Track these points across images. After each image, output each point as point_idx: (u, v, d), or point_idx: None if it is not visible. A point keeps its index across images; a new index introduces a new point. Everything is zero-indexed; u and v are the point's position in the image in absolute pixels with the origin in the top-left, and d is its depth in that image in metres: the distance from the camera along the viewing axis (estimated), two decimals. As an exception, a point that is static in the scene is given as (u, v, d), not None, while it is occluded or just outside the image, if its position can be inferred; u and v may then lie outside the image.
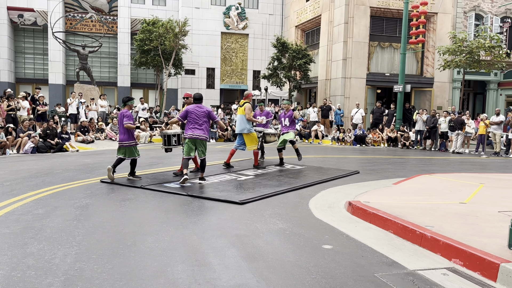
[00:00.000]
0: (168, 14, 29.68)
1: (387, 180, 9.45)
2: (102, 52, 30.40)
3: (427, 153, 17.11)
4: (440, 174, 10.11)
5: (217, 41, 30.58)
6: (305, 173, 10.06)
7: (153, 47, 25.74)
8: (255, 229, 5.40)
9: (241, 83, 31.67)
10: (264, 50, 31.25)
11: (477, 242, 4.44)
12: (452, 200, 6.80)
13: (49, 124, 14.89)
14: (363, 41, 23.10)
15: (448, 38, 22.50)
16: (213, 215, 6.08)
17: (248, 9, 31.13)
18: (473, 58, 20.19)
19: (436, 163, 13.43)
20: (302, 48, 24.69)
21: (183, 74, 29.16)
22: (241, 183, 8.57)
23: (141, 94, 31.04)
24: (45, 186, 7.91)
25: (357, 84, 23.21)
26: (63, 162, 11.52)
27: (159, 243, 4.75)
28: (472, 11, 25.10)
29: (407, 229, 5.05)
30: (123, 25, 30.34)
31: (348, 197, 7.16)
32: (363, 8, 22.93)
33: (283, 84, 25.44)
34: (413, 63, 24.77)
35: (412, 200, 6.78)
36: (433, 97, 24.33)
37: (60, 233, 5.04)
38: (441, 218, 5.49)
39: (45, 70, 30.42)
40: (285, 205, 6.78)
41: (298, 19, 28.58)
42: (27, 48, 30.67)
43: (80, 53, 23.88)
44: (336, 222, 5.80)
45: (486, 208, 6.21)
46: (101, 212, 6.15)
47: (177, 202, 6.85)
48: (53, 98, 27.92)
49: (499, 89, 25.96)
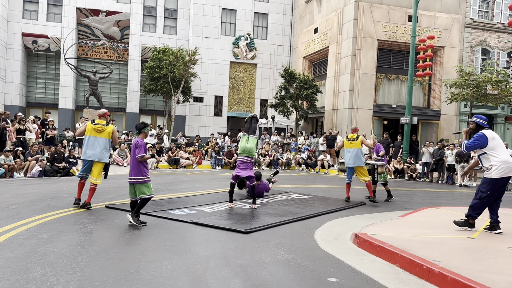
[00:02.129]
0: (178, 43, 30.26)
1: (393, 212, 9.36)
2: (112, 78, 30.92)
3: (434, 185, 16.98)
4: (447, 208, 10.00)
5: (225, 70, 31.01)
6: (311, 203, 9.99)
7: (163, 75, 26.16)
8: (260, 259, 5.33)
9: (249, 111, 31.91)
10: (272, 79, 31.62)
11: (486, 279, 4.35)
12: (459, 234, 6.70)
13: (57, 148, 15.01)
14: (370, 73, 23.32)
15: (455, 72, 22.67)
16: (217, 244, 6.02)
17: (257, 39, 31.68)
18: (480, 92, 20.28)
19: (443, 196, 13.31)
20: (309, 79, 24.99)
21: (192, 102, 29.47)
22: (246, 211, 8.51)
23: (149, 120, 31.36)
24: (51, 211, 7.91)
25: (363, 115, 23.29)
26: (70, 187, 11.54)
27: (163, 271, 4.70)
28: (479, 46, 25.36)
29: (414, 263, 4.97)
30: (134, 53, 30.93)
31: (354, 229, 7.08)
32: (371, 40, 23.26)
33: (290, 113, 25.62)
34: (420, 96, 24.90)
35: (419, 234, 6.69)
36: (440, 129, 24.33)
37: (63, 259, 5.01)
38: (448, 253, 5.40)
39: (55, 95, 30.91)
40: (291, 236, 6.71)
41: (306, 50, 29.00)
42: (39, 73, 31.29)
43: (91, 79, 24.29)
44: (342, 254, 5.72)
45: (495, 243, 6.11)
46: (105, 238, 6.13)
47: (181, 230, 6.81)
48: (62, 123, 28.27)
49: (506, 123, 25.93)
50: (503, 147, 6.91)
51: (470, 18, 25.07)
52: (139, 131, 7.35)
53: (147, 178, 7.08)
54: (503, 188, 6.89)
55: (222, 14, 30.98)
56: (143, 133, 7.34)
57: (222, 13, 30.94)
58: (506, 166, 6.70)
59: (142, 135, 7.32)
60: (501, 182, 6.79)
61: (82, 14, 30.20)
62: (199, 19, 30.29)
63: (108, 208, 8.38)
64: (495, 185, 6.77)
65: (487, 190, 6.78)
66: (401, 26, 23.58)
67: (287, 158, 21.16)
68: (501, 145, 6.87)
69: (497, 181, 6.74)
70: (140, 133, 7.33)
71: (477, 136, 6.93)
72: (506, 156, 6.79)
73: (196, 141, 21.89)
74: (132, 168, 7.08)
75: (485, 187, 6.80)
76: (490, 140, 6.81)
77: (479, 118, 7.21)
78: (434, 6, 24.37)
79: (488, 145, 6.81)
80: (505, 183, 6.85)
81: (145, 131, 7.36)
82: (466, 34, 25.00)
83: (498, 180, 6.75)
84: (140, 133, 7.33)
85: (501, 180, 6.77)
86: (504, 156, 6.75)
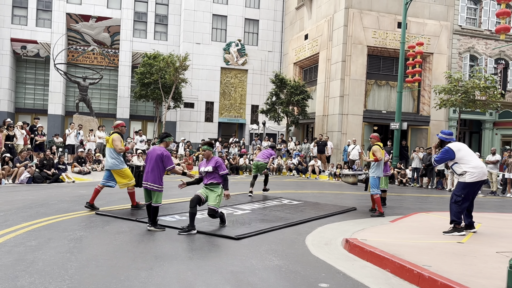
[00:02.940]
0: (169, 49, 30.23)
1: (384, 217, 9.40)
2: (102, 84, 30.76)
3: (424, 190, 17.09)
4: (437, 213, 10.07)
5: (216, 76, 31.01)
6: (302, 208, 10.00)
7: (153, 81, 26.08)
8: (251, 265, 5.32)
9: (240, 117, 31.93)
10: (263, 85, 31.69)
11: (476, 284, 4.38)
12: (449, 239, 6.75)
13: (46, 154, 14.87)
14: (360, 79, 23.48)
15: (444, 78, 22.92)
16: (208, 251, 6.00)
17: (248, 45, 31.76)
18: (468, 98, 20.50)
19: (433, 201, 13.40)
20: (300, 84, 25.09)
21: (182, 107, 29.41)
22: (237, 217, 8.50)
23: (139, 126, 31.19)
24: (40, 217, 7.83)
25: (354, 120, 23.42)
26: (59, 193, 11.44)
27: (153, 278, 4.67)
28: (467, 52, 25.67)
29: (405, 268, 4.99)
30: (124, 58, 30.83)
31: (345, 234, 7.10)
32: (360, 47, 23.44)
33: (280, 119, 25.68)
34: (410, 101, 25.11)
35: (409, 239, 6.72)
36: (430, 135, 24.53)
37: (52, 266, 4.95)
38: (438, 258, 5.43)
39: (45, 101, 30.65)
40: (282, 241, 6.71)
41: (297, 56, 29.13)
42: (28, 79, 31.01)
43: (81, 85, 24.15)
44: (333, 260, 5.73)
45: (484, 248, 6.15)
46: (95, 245, 6.07)
47: (171, 236, 6.77)
48: (52, 129, 28.02)
49: (494, 128, 26.22)
50: (473, 154, 7.31)
51: (458, 25, 25.39)
52: (161, 139, 7.41)
53: (162, 187, 7.19)
54: (476, 192, 7.26)
55: (213, 20, 31.03)
56: (165, 142, 7.39)
57: (213, 19, 30.99)
58: (478, 171, 7.05)
59: (164, 144, 7.37)
60: (476, 186, 7.15)
61: (72, 19, 30.05)
62: (190, 25, 30.31)
63: (98, 215, 8.31)
64: (470, 189, 7.10)
65: (461, 194, 7.09)
66: (390, 33, 23.80)
67: (278, 164, 21.18)
68: (470, 154, 7.25)
69: (471, 185, 7.08)
70: (162, 141, 7.39)
71: (443, 150, 7.35)
72: (477, 162, 7.18)
73: (187, 147, 21.83)
74: (150, 175, 7.08)
75: (459, 190, 7.13)
76: (457, 152, 7.20)
77: (443, 133, 7.62)
78: (423, 13, 24.64)
79: (456, 157, 7.20)
80: (479, 187, 7.22)
81: (167, 140, 7.41)
82: (454, 41, 25.30)
83: (473, 184, 7.08)
84: (162, 142, 7.38)
85: (476, 184, 7.11)
86: (476, 162, 7.13)
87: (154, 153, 7.16)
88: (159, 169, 7.12)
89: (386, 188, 11.15)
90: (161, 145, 7.32)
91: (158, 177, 7.10)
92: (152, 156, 7.16)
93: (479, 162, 7.20)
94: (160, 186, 7.12)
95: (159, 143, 7.43)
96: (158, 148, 7.20)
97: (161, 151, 7.13)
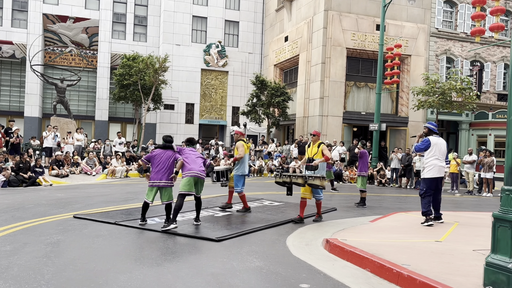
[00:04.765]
0: (148, 50, 29.97)
1: (364, 217, 9.48)
2: (80, 86, 30.27)
3: (403, 191, 17.32)
4: (416, 212, 10.20)
5: (197, 77, 30.87)
6: (283, 209, 10.02)
7: (133, 82, 25.79)
8: (232, 267, 5.30)
9: (220, 118, 31.86)
10: (244, 87, 31.68)
11: (453, 281, 4.46)
12: (428, 238, 6.85)
13: (23, 157, 14.56)
14: (339, 81, 23.69)
15: (422, 79, 23.30)
16: (189, 253, 5.95)
17: (228, 47, 31.72)
18: (445, 99, 20.89)
19: (412, 201, 13.58)
20: (280, 86, 25.18)
21: (162, 109, 29.18)
22: (218, 219, 8.46)
23: (118, 128, 30.82)
24: (15, 222, 7.65)
25: (334, 122, 23.62)
26: (36, 197, 11.20)
27: (133, 282, 4.60)
28: (444, 55, 26.16)
29: (384, 267, 5.04)
30: (103, 60, 30.42)
31: (326, 235, 7.13)
32: (340, 49, 23.65)
33: (261, 120, 25.71)
34: (388, 103, 25.45)
35: (388, 238, 6.80)
36: (408, 135, 24.89)
37: (28, 271, 4.84)
38: (417, 257, 5.51)
39: (21, 103, 30.02)
40: (263, 243, 6.70)
41: (277, 58, 29.23)
42: (4, 81, 30.32)
43: (58, 86, 23.71)
44: (313, 260, 5.75)
45: (461, 246, 6.27)
46: (72, 248, 5.96)
47: (151, 239, 6.70)
48: (28, 131, 27.44)
49: (470, 129, 26.78)
50: (440, 153, 8.01)
51: (435, 27, 25.87)
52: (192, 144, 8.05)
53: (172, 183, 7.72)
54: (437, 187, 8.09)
55: (193, 22, 30.90)
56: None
57: (193, 20, 30.86)
58: (435, 168, 7.91)
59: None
60: (434, 182, 7.98)
61: (49, 20, 29.52)
62: (170, 26, 30.11)
63: (76, 218, 8.16)
64: (430, 184, 7.98)
65: (423, 187, 8.10)
66: (369, 35, 24.09)
67: (259, 165, 21.19)
68: (439, 150, 8.00)
69: (429, 180, 7.97)
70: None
71: (424, 140, 8.13)
72: (436, 160, 7.95)
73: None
74: (164, 174, 7.53)
75: (421, 185, 8.18)
76: (433, 145, 7.99)
77: (431, 124, 8.36)
78: (401, 16, 25.02)
79: (429, 149, 8.00)
80: (438, 183, 8.06)
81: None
82: (431, 43, 25.76)
83: (430, 180, 7.96)
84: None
85: (433, 180, 7.97)
86: (435, 161, 7.93)
87: (171, 154, 7.74)
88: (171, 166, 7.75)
89: (364, 189, 11.29)
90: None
91: (170, 174, 7.67)
92: (172, 156, 7.73)
93: (438, 161, 7.96)
94: (171, 182, 7.68)
95: (188, 145, 8.07)
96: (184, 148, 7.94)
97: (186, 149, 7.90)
